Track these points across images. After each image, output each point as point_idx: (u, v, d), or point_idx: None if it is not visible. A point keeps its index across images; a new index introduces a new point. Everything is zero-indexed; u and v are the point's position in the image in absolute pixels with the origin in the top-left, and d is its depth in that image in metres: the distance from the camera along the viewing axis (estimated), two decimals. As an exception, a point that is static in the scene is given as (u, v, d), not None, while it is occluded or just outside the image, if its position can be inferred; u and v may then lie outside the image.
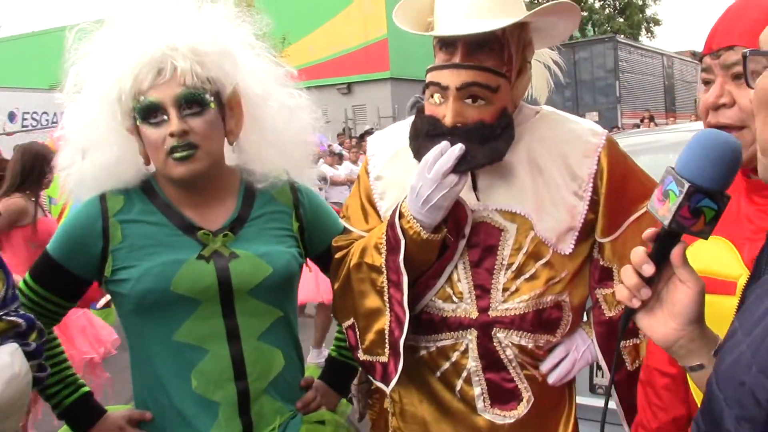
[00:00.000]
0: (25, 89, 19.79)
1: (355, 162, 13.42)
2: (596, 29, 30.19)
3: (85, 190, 1.90)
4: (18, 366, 1.69)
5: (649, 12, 31.79)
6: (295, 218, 2.01)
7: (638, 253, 1.17)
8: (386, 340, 1.82)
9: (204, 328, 1.83)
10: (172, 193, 1.90)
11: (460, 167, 1.71)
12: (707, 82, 1.44)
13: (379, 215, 1.95)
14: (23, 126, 18.20)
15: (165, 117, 1.78)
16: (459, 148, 1.70)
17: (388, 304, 1.82)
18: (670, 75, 26.01)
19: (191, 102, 1.79)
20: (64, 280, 1.90)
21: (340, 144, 16.02)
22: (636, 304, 1.17)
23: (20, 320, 1.72)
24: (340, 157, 14.31)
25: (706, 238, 1.13)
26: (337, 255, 1.97)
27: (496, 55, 1.76)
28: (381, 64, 23.91)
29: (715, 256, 1.40)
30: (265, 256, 1.88)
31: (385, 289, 1.82)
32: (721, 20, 1.44)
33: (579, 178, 1.83)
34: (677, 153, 1.21)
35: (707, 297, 1.32)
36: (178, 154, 1.78)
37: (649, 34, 32.11)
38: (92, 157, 1.86)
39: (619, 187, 1.84)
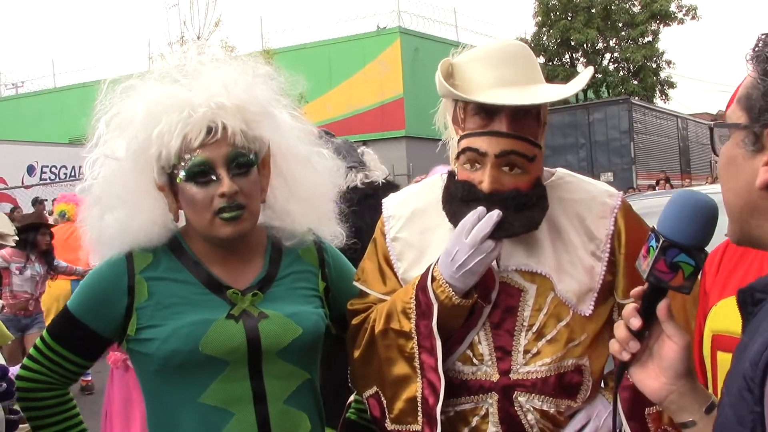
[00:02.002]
0: (45, 143, 20.09)
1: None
2: (610, 91, 30.44)
3: (108, 249, 1.86)
4: None
5: (663, 75, 32.09)
6: (321, 278, 1.99)
7: (628, 308, 1.23)
8: (419, 409, 1.77)
9: (231, 390, 1.78)
10: (200, 251, 1.87)
11: (496, 234, 1.71)
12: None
13: (396, 277, 1.92)
14: (42, 179, 18.42)
15: (213, 177, 1.76)
16: (497, 214, 1.70)
17: (419, 371, 1.78)
18: (685, 137, 26.05)
19: (239, 162, 1.78)
20: (85, 338, 1.85)
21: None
22: (625, 356, 1.21)
23: None
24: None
25: (688, 293, 1.18)
26: (355, 321, 1.93)
27: (534, 121, 1.79)
28: (396, 122, 24.12)
29: (736, 314, 1.37)
30: (295, 316, 1.85)
31: (416, 356, 1.78)
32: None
33: (597, 239, 1.85)
34: None
35: (725, 355, 1.41)
36: (227, 215, 1.77)
37: (664, 96, 32.34)
38: (117, 215, 1.82)
39: (637, 247, 1.81)
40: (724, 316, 1.40)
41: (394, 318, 1.82)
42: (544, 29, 30.49)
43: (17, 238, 5.02)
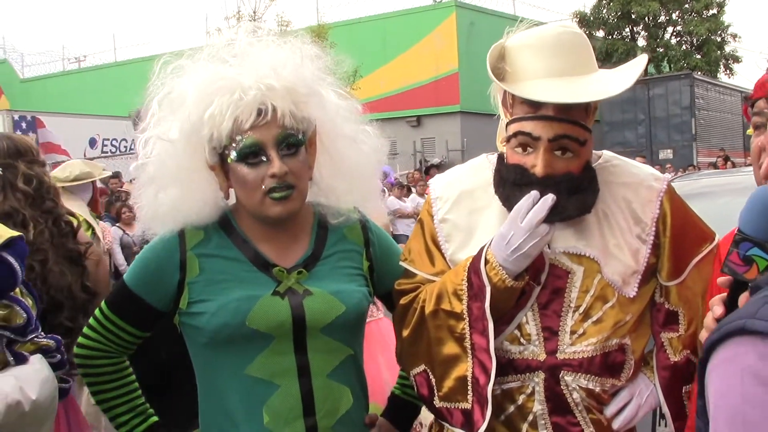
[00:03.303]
0: (106, 117, 20.55)
1: (422, 195, 13.44)
2: (672, 66, 29.69)
3: (161, 225, 1.92)
4: (47, 371, 1.98)
5: (728, 49, 31.11)
6: (366, 257, 2.02)
7: (715, 298, 1.28)
8: (468, 388, 1.81)
9: (276, 363, 1.84)
10: (249, 229, 1.93)
11: (551, 218, 1.73)
12: (760, 126, 1.46)
13: (444, 258, 1.95)
14: (103, 152, 18.87)
15: (263, 158, 1.80)
16: (551, 198, 1.72)
17: (470, 351, 1.81)
18: (749, 113, 25.30)
19: (289, 143, 1.82)
20: (139, 310, 1.92)
21: (407, 176, 16.04)
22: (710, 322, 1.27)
23: (51, 342, 1.96)
24: (408, 190, 14.34)
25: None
26: (403, 300, 1.96)
27: (583, 109, 1.80)
28: (451, 97, 23.99)
29: None
30: (338, 294, 1.89)
31: (467, 336, 1.81)
32: None
33: (642, 222, 1.88)
34: None
35: None
36: (277, 194, 1.81)
37: (728, 71, 31.40)
38: (169, 193, 1.87)
39: (681, 230, 1.88)
40: None
41: (444, 299, 1.84)
42: (604, 2, 29.79)
43: (107, 173, 5.01)
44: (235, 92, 1.77)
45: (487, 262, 1.77)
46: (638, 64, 1.87)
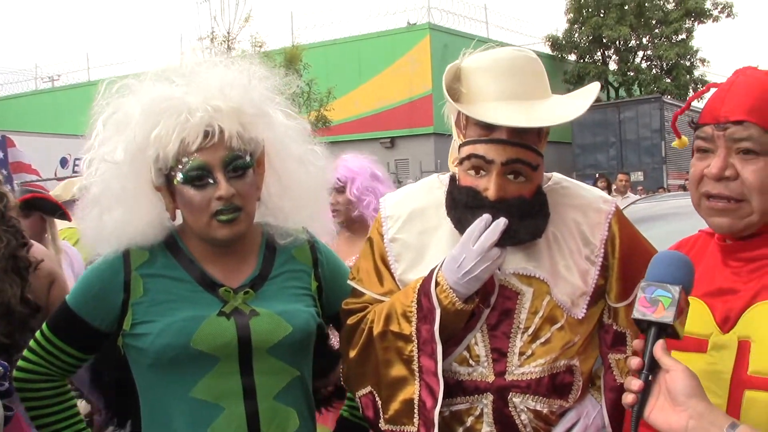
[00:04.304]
0: (77, 136, 20.30)
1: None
2: (642, 89, 30.12)
3: (105, 246, 1.89)
4: None
5: (696, 73, 31.66)
6: (314, 277, 2.01)
7: (634, 348, 1.38)
8: (415, 411, 1.80)
9: (221, 385, 1.82)
10: (196, 249, 1.91)
11: (502, 242, 1.73)
12: (704, 150, 1.48)
13: (393, 278, 1.94)
14: (74, 171, 18.67)
15: (210, 180, 1.79)
16: (504, 222, 1.73)
17: (417, 374, 1.80)
18: (718, 136, 25.67)
19: (236, 165, 1.81)
20: (82, 332, 1.89)
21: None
22: (629, 398, 1.31)
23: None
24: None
25: (673, 322, 1.31)
26: (350, 320, 1.95)
27: (535, 134, 1.82)
28: (425, 119, 24.07)
29: (690, 315, 1.47)
30: (285, 314, 1.88)
31: (415, 359, 1.80)
32: (729, 92, 1.47)
33: (591, 243, 1.89)
34: None
35: (682, 354, 1.48)
36: (224, 217, 1.80)
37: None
38: (113, 215, 1.85)
39: (629, 252, 1.90)
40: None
41: (393, 320, 1.83)
42: (576, 26, 30.24)
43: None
44: (181, 113, 1.76)
45: (437, 284, 1.77)
46: (591, 92, 1.89)
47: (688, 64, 31.21)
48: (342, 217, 3.57)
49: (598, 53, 31.02)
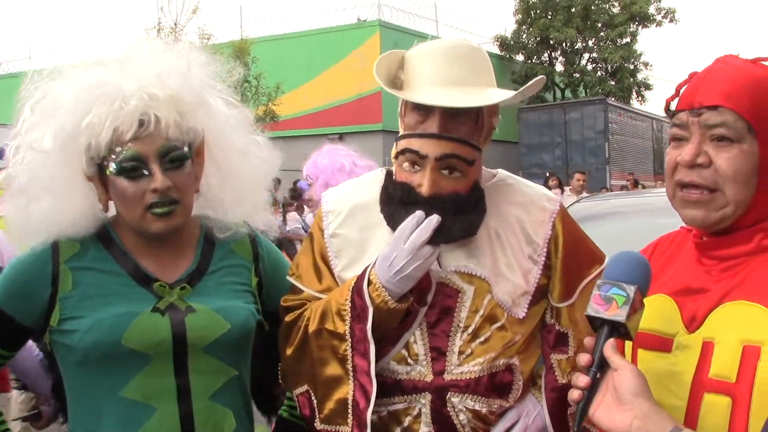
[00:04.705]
0: (13, 125, 19.76)
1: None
2: (588, 91, 30.64)
3: (33, 237, 1.79)
4: None
5: (640, 76, 32.35)
6: (254, 273, 1.95)
7: (584, 345, 1.35)
8: (349, 411, 1.76)
9: (154, 385, 1.74)
10: (130, 242, 1.83)
11: (435, 239, 1.69)
12: (679, 139, 1.43)
13: (333, 274, 1.89)
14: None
15: (145, 171, 1.71)
16: (436, 219, 1.69)
17: (351, 373, 1.76)
18: (659, 138, 26.31)
19: (173, 156, 1.73)
20: (6, 327, 1.78)
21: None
22: (575, 394, 1.29)
23: None
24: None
25: (626, 321, 1.30)
26: (288, 317, 1.90)
27: (471, 121, 1.78)
28: (374, 116, 24.06)
29: (658, 313, 1.46)
30: (223, 311, 1.81)
31: (349, 358, 1.76)
32: (705, 78, 1.42)
33: (534, 242, 1.86)
34: (668, 216, 1.56)
35: (646, 353, 1.47)
36: (159, 210, 1.73)
37: (640, 97, 32.62)
38: (41, 205, 1.75)
39: (573, 252, 1.88)
40: (649, 314, 1.43)
41: (328, 318, 1.79)
42: (524, 27, 30.59)
43: None
44: (115, 101, 1.68)
45: (370, 282, 1.73)
46: (533, 83, 1.85)
47: (631, 67, 31.86)
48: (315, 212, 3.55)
49: (546, 54, 31.43)
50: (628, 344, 1.50)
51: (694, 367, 1.37)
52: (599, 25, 30.88)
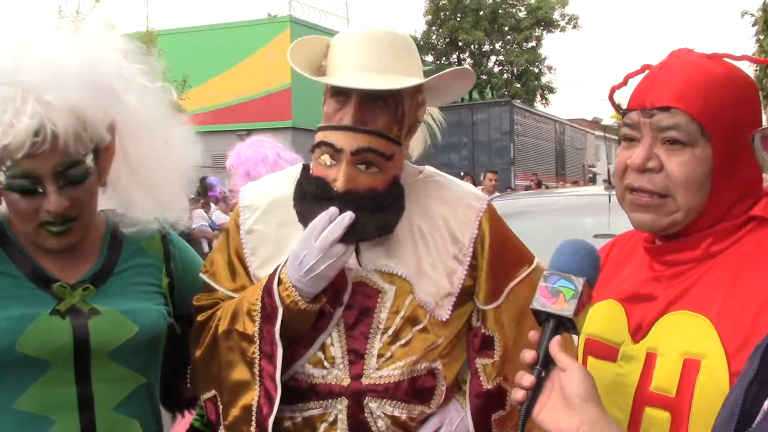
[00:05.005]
0: None
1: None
2: (494, 92, 31.28)
3: None
4: None
5: (544, 80, 33.30)
6: (165, 273, 1.83)
7: (529, 342, 1.26)
8: (253, 417, 1.66)
9: (52, 395, 1.59)
10: (27, 240, 1.68)
11: (348, 237, 1.62)
12: (630, 139, 1.34)
13: (248, 273, 1.80)
14: None
15: (40, 189, 1.55)
16: (349, 216, 1.62)
17: (258, 378, 1.67)
18: (562, 141, 27.09)
19: (72, 174, 1.57)
20: None
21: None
22: (519, 395, 1.20)
23: None
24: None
25: (573, 316, 1.21)
26: (200, 317, 1.79)
27: (390, 111, 1.71)
28: (283, 113, 23.85)
29: (607, 319, 1.40)
30: (131, 313, 1.68)
31: (256, 361, 1.67)
32: (657, 75, 1.34)
33: (460, 242, 1.78)
34: (570, 215, 1.36)
35: (595, 361, 1.39)
36: (54, 228, 1.59)
37: (544, 100, 33.55)
38: None
39: (500, 252, 1.81)
40: (599, 320, 1.39)
41: (239, 319, 1.70)
42: (434, 28, 30.98)
43: None
44: (5, 112, 1.48)
45: (280, 282, 1.65)
46: (457, 70, 1.80)
47: (536, 70, 32.75)
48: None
49: (454, 55, 31.91)
50: (579, 350, 1.46)
51: (637, 379, 1.31)
52: (506, 28, 31.61)
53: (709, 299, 1.26)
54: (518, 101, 26.91)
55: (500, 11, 31.00)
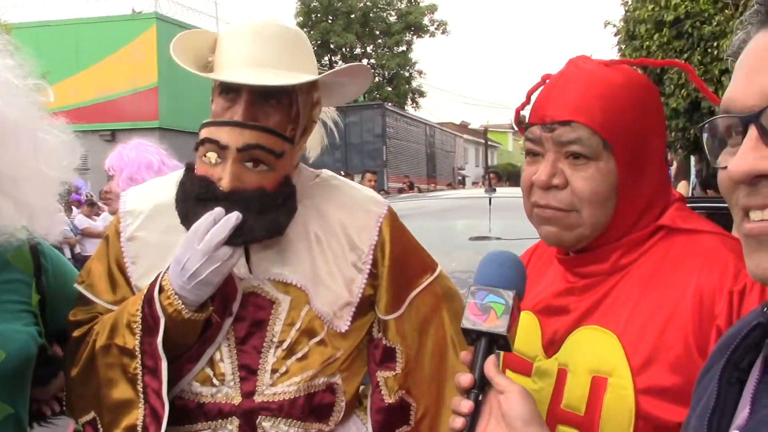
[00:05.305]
0: None
1: (115, 213, 12.63)
2: (366, 96, 31.56)
3: None
4: None
5: (414, 84, 33.92)
6: (36, 289, 1.67)
7: (462, 366, 1.18)
8: None
9: None
10: None
11: (235, 239, 1.52)
12: (534, 154, 1.31)
13: (129, 284, 1.68)
14: None
15: None
16: (236, 217, 1.52)
17: (142, 395, 1.55)
18: (432, 144, 27.67)
19: None
20: None
21: (100, 193, 15.07)
22: (458, 423, 1.11)
23: None
24: (98, 208, 13.48)
25: (507, 333, 1.14)
26: (76, 333, 1.66)
27: (283, 109, 1.62)
28: (149, 113, 23.06)
29: (523, 332, 1.35)
30: None
31: (139, 377, 1.55)
32: (555, 87, 1.30)
33: (359, 249, 1.71)
34: (450, 218, 1.31)
35: (511, 375, 1.34)
36: None
37: (414, 104, 34.18)
38: None
39: (401, 259, 1.75)
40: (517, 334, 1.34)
41: (118, 332, 1.58)
42: (305, 30, 30.87)
43: None
44: None
45: (162, 290, 1.54)
46: (352, 66, 1.72)
47: (407, 74, 33.33)
48: (114, 208, 3.26)
49: (326, 58, 31.95)
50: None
51: (549, 395, 1.28)
52: (377, 32, 31.98)
53: (617, 314, 1.24)
54: (390, 104, 27.26)
55: (371, 15, 31.33)
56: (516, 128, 1.54)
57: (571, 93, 1.26)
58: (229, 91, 1.59)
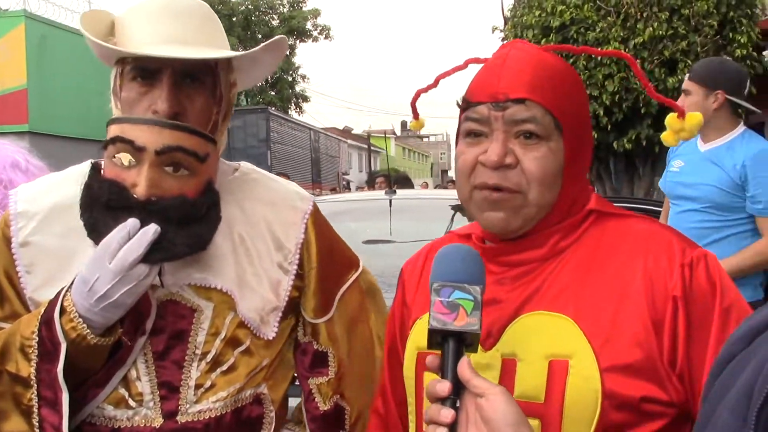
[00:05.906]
0: None
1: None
2: (249, 100, 31.19)
3: None
4: None
5: (298, 88, 33.84)
6: None
7: (431, 381, 1.07)
8: None
9: None
10: None
11: (153, 256, 1.34)
12: (477, 134, 1.25)
13: (22, 297, 1.48)
14: None
15: None
16: (153, 230, 1.34)
17: (38, 430, 1.35)
18: (317, 148, 27.68)
19: None
20: None
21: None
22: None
23: None
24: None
25: (479, 332, 1.06)
26: None
27: (207, 91, 1.48)
28: (18, 116, 21.95)
29: None
30: None
31: (35, 410, 1.36)
32: (505, 67, 1.24)
33: (285, 248, 1.58)
34: (350, 220, 1.25)
35: (435, 376, 1.27)
36: None
37: (298, 109, 34.09)
38: None
39: (328, 259, 1.64)
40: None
41: (10, 357, 1.38)
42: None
43: None
44: None
45: (63, 311, 1.34)
46: (275, 40, 1.59)
47: (290, 79, 33.18)
48: None
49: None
50: (411, 365, 1.33)
51: None
52: (260, 36, 31.67)
53: (564, 297, 1.20)
54: (273, 109, 27.09)
55: (253, 18, 31.02)
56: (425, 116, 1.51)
57: (524, 72, 1.23)
58: (145, 74, 1.43)
